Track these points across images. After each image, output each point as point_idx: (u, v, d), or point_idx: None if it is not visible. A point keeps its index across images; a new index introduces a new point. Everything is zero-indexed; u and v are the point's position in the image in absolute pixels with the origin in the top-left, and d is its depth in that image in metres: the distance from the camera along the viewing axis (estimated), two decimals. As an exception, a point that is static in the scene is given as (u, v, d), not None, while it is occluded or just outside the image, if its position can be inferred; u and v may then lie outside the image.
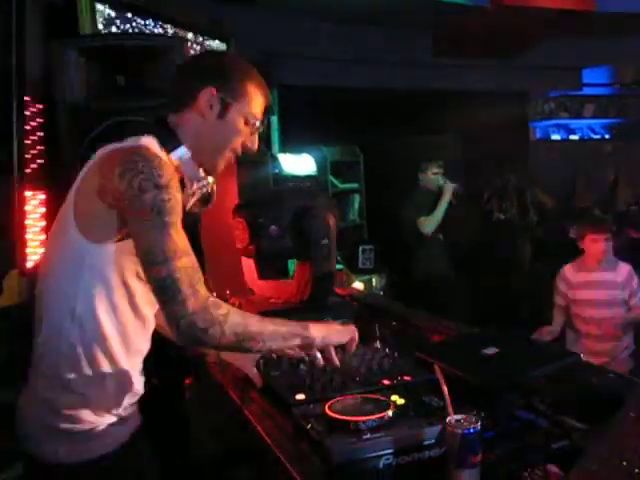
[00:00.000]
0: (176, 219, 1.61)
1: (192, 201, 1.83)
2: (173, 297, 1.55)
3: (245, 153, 1.90)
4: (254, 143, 1.89)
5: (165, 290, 1.56)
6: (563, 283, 4.45)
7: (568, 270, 4.47)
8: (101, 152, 1.72)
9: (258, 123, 1.86)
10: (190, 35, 4.22)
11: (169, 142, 1.76)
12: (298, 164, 5.83)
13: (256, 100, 1.85)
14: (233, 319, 1.61)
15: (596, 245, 4.27)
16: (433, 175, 5.82)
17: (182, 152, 1.76)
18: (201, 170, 1.82)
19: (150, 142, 1.72)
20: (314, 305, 2.73)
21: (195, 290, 1.57)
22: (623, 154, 9.43)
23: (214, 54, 1.98)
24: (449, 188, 5.69)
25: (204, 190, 1.84)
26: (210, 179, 1.86)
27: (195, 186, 1.80)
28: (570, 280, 4.41)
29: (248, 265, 3.13)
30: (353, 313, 2.76)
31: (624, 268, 4.36)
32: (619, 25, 6.72)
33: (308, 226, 2.66)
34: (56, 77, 2.84)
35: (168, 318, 1.57)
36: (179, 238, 1.60)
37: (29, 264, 2.99)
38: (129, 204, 1.58)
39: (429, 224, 5.64)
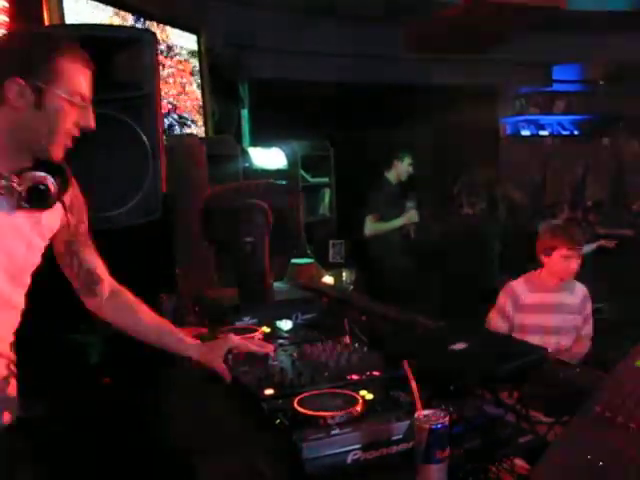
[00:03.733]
0: None
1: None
2: None
3: (215, 148, 1.86)
4: (88, 120, 1.74)
5: None
6: (511, 303, 3.73)
7: (519, 288, 3.77)
8: None
9: (83, 98, 1.71)
10: (160, 27, 4.18)
11: None
12: (268, 158, 5.81)
13: (74, 75, 1.68)
14: None
15: (568, 262, 3.66)
16: (408, 166, 6.24)
17: None
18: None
19: None
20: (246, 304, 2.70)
21: None
22: (591, 150, 9.54)
23: (8, 36, 1.83)
24: (411, 217, 6.10)
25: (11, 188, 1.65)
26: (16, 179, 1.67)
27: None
28: (521, 301, 3.72)
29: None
30: (322, 308, 2.76)
31: (580, 290, 3.81)
32: (589, 22, 6.78)
33: (233, 223, 2.63)
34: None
35: None
36: None
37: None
38: None
39: (371, 228, 6.05)
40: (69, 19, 3.44)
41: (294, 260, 3.69)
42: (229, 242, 2.68)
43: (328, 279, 4.89)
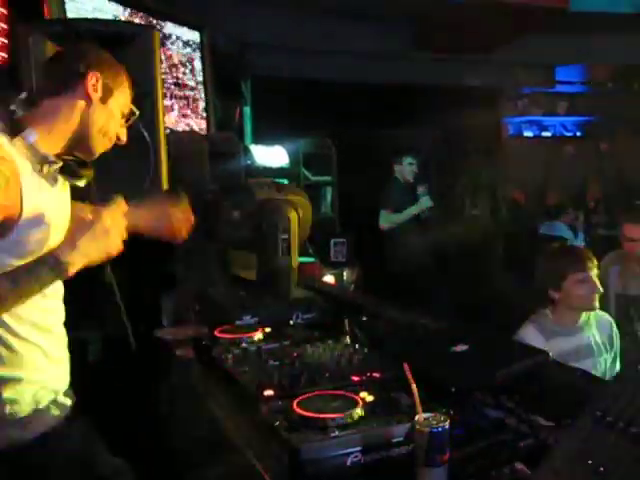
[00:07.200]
0: None
1: (47, 182, 1.78)
2: None
3: (217, 145, 1.88)
4: (124, 135, 1.94)
5: None
6: None
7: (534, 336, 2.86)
8: None
9: (128, 116, 1.94)
10: (162, 23, 4.17)
11: (14, 128, 1.72)
12: (270, 156, 5.79)
13: (127, 93, 1.93)
14: None
15: (587, 285, 2.85)
16: (409, 165, 6.26)
17: (32, 136, 1.73)
18: (48, 153, 1.76)
19: None
20: (275, 299, 2.69)
21: None
22: (594, 151, 9.53)
23: (91, 44, 2.03)
24: (424, 202, 6.07)
25: (56, 170, 1.79)
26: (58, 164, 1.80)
27: (46, 169, 1.76)
28: None
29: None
30: (322, 307, 2.74)
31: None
32: (592, 24, 6.77)
33: (266, 219, 2.63)
34: (21, 63, 2.77)
35: None
36: None
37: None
38: None
39: (387, 220, 6.10)
40: (71, 14, 3.42)
41: (295, 259, 3.67)
42: (255, 240, 2.68)
43: (329, 278, 4.88)
